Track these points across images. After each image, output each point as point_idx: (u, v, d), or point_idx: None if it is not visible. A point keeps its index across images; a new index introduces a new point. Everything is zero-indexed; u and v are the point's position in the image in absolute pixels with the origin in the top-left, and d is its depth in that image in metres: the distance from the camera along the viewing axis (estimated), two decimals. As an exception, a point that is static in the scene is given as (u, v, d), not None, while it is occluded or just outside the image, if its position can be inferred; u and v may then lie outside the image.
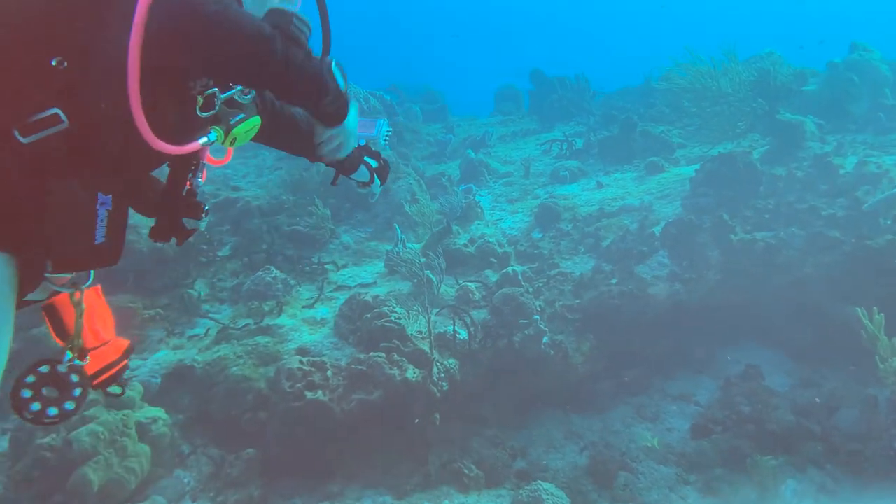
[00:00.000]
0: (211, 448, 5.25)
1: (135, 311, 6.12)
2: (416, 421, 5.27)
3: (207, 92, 1.49)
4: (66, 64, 1.31)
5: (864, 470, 5.48)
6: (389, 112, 12.57)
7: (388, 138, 2.13)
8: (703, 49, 8.34)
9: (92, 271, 1.62)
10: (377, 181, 2.12)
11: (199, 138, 1.52)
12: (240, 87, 1.57)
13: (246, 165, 11.98)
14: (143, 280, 6.50)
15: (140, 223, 6.84)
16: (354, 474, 5.36)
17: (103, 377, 1.69)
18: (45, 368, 1.53)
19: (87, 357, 1.64)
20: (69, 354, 1.59)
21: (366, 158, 2.07)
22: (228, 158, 1.80)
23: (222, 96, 1.53)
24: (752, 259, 6.68)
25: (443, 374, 5.57)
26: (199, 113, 1.48)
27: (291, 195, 8.26)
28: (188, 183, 1.69)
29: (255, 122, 1.62)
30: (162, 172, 1.66)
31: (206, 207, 1.77)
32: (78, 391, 1.53)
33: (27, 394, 1.50)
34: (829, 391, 6.26)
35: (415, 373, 5.36)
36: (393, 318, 5.79)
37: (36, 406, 1.50)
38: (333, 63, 1.61)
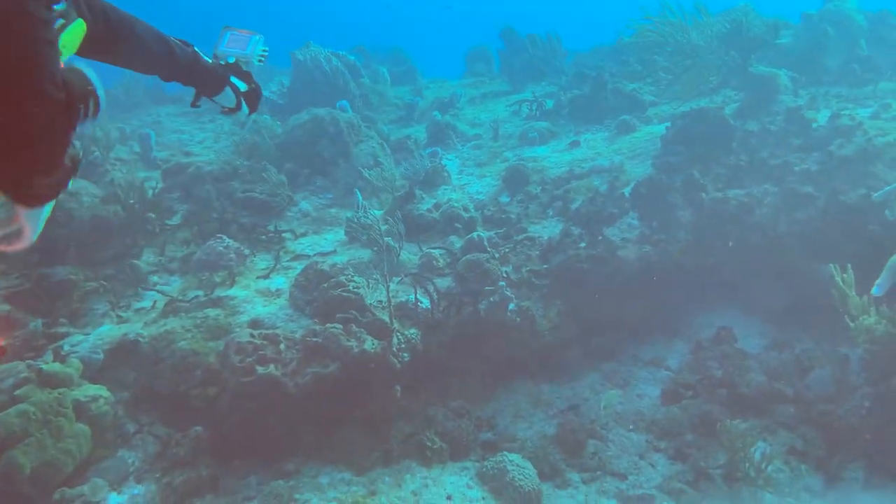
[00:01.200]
0: (158, 426, 5.04)
1: (76, 283, 5.83)
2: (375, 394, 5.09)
3: None
4: None
5: (835, 430, 5.45)
6: (354, 74, 12.19)
7: (263, 59, 1.87)
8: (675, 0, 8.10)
9: None
10: (245, 108, 1.87)
11: None
12: None
13: (203, 130, 11.60)
14: (85, 251, 6.19)
15: (78, 189, 6.53)
16: (312, 451, 5.19)
17: None
18: None
19: None
20: None
21: (233, 80, 1.82)
22: None
23: None
24: (724, 218, 6.55)
25: (403, 345, 5.39)
26: None
27: (246, 160, 7.93)
28: None
29: (79, 25, 1.36)
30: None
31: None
32: None
33: None
34: (802, 351, 6.21)
35: (373, 344, 5.16)
36: (351, 288, 5.58)
37: None
38: None
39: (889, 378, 5.32)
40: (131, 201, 6.85)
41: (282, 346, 5.13)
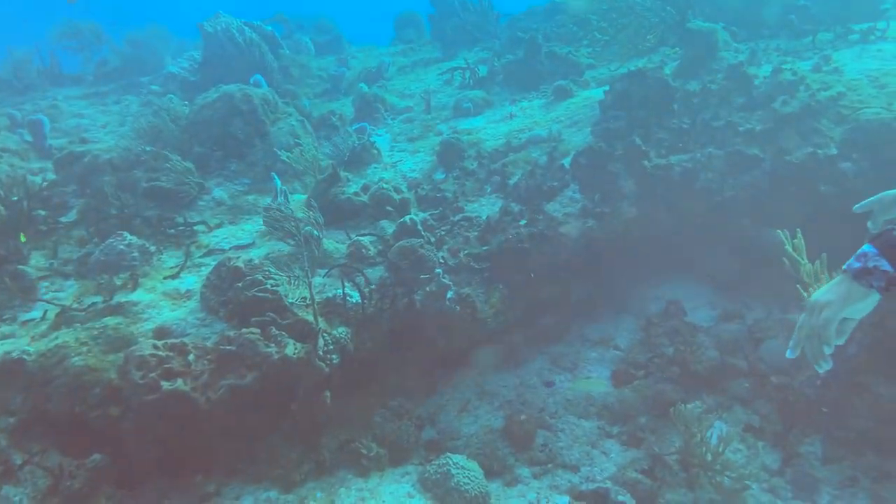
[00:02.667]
0: (52, 455, 4.49)
1: (-52, 298, 5.17)
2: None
3: None
4: None
5: (791, 403, 5.32)
6: (272, 45, 11.48)
7: None
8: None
9: None
10: None
11: None
12: None
13: (107, 113, 10.75)
14: (-40, 260, 5.51)
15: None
16: (233, 469, 4.74)
17: None
18: None
19: None
20: None
21: None
22: None
23: None
24: (668, 186, 6.32)
25: (332, 346, 4.96)
26: None
27: (149, 145, 7.27)
28: None
29: None
30: None
31: None
32: None
33: None
34: (754, 322, 6.07)
35: (296, 348, 4.72)
36: (269, 286, 5.09)
37: None
38: None
39: (843, 348, 5.19)
40: (14, 198, 6.15)
41: (191, 357, 4.63)
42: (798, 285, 5.39)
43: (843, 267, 2.13)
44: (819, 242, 5.50)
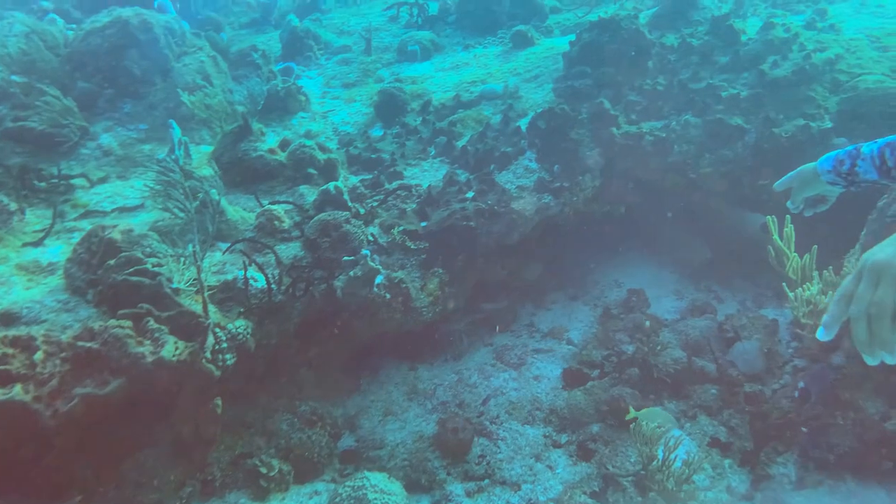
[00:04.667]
0: None
1: None
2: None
3: None
4: None
5: (763, 415, 4.80)
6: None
7: None
8: None
9: None
10: None
11: None
12: None
13: (-12, 36, 9.36)
14: None
15: None
16: (95, 490, 3.94)
17: None
18: None
19: None
20: None
21: None
22: None
23: None
24: (638, 158, 5.62)
25: (225, 345, 4.14)
26: None
27: (22, 76, 6.15)
28: None
29: None
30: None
31: None
32: None
33: None
34: (725, 319, 5.49)
35: (177, 348, 3.88)
36: (149, 266, 4.20)
37: None
38: None
39: (828, 357, 4.67)
40: None
41: (38, 356, 3.75)
42: (785, 284, 4.83)
43: None
44: (810, 233, 4.93)
